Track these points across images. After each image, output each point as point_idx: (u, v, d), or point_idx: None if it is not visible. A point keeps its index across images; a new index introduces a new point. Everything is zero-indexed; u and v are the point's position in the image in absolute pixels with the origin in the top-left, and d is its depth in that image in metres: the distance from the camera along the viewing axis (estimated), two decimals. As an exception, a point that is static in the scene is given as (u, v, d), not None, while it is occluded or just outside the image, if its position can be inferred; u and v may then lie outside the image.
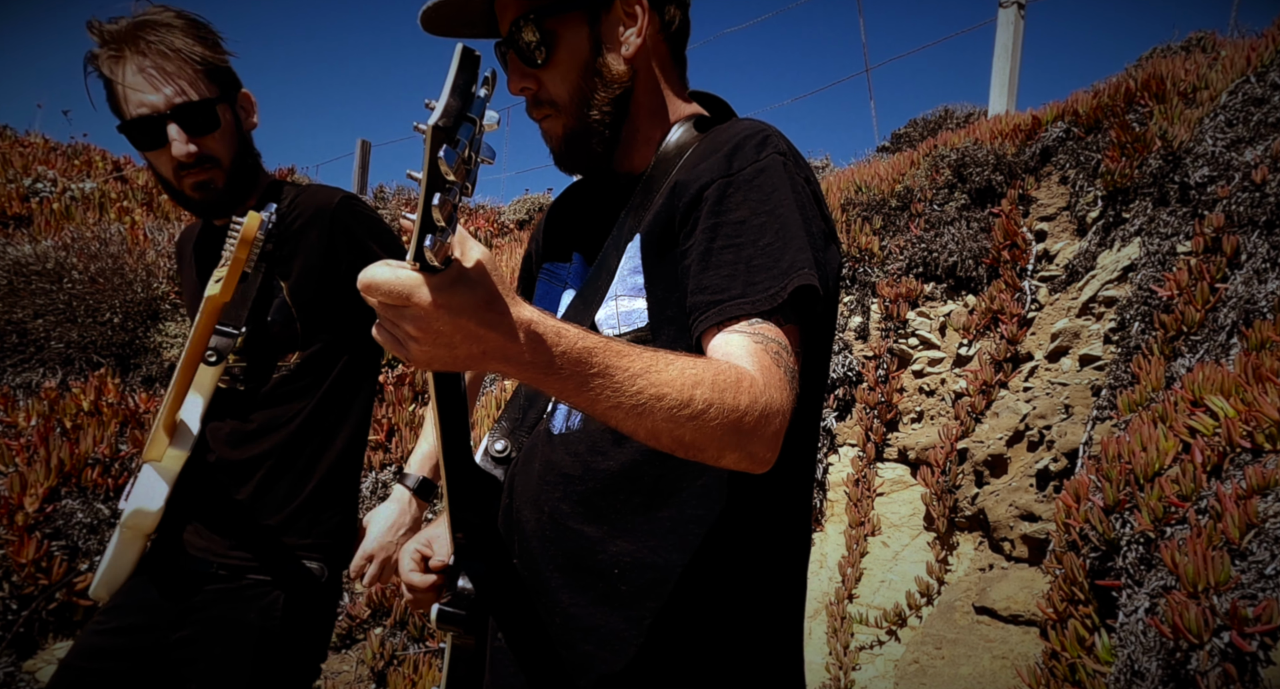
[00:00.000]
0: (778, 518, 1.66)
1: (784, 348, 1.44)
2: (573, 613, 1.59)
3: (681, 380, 1.29)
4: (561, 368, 1.23)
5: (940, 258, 6.57)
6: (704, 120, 1.80)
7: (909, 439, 6.01)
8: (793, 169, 1.58)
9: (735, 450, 1.35)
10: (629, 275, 1.67)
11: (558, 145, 1.77)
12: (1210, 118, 5.73)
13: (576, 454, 1.63)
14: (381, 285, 1.14)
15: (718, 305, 1.47)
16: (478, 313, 1.17)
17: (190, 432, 2.45)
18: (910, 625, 5.24)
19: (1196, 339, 4.41)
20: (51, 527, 5.48)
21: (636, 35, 1.71)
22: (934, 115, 10.93)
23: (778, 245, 1.49)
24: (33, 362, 6.79)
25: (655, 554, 1.57)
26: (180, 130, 2.41)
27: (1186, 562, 2.67)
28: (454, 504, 1.59)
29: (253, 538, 2.47)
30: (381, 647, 5.35)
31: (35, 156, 11.51)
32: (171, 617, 2.43)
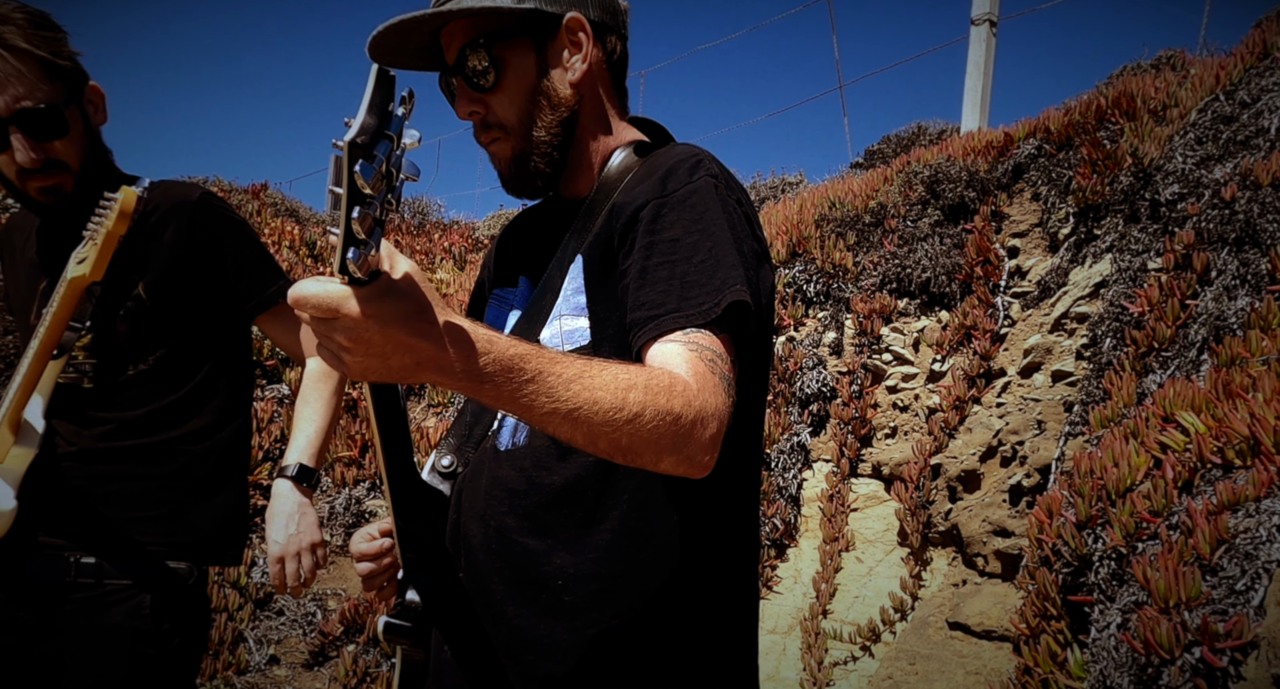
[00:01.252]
0: (722, 529, 1.68)
1: (719, 355, 1.47)
2: (518, 625, 1.61)
3: (615, 385, 1.32)
4: (494, 375, 1.25)
5: (914, 274, 6.59)
6: (644, 146, 1.84)
7: (883, 454, 6.03)
8: (724, 191, 1.63)
9: (672, 454, 1.37)
10: (572, 295, 1.70)
11: (506, 168, 1.81)
12: (1180, 135, 5.78)
13: (522, 469, 1.66)
14: (310, 298, 1.16)
15: (654, 320, 1.51)
16: (407, 323, 1.19)
17: (35, 430, 2.38)
18: (884, 641, 5.24)
19: (1168, 355, 4.43)
20: None
21: (582, 61, 1.76)
22: (907, 132, 10.98)
23: (710, 262, 1.53)
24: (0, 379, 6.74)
25: (597, 565, 1.60)
26: (24, 137, 2.29)
27: (1158, 577, 2.68)
28: (400, 517, 1.61)
29: (109, 540, 2.38)
30: (355, 664, 5.32)
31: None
32: (35, 631, 2.34)
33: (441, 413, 7.56)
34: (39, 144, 2.32)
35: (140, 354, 2.47)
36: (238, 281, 2.54)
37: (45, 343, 2.29)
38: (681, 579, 1.61)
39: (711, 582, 1.65)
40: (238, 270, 2.54)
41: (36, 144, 2.32)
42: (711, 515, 1.65)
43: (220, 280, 2.53)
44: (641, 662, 1.59)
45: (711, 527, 1.65)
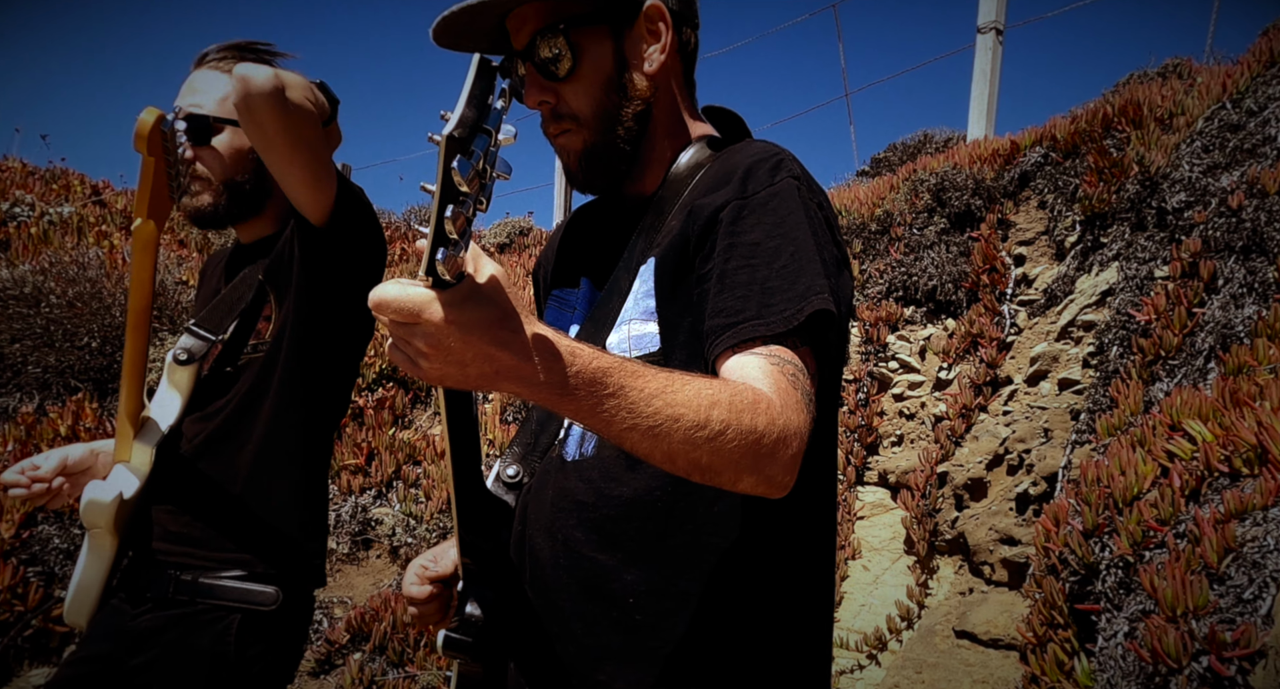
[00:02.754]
0: (797, 544, 1.62)
1: (800, 370, 1.42)
2: (587, 642, 1.56)
3: (698, 401, 1.27)
4: (576, 388, 1.21)
5: (920, 282, 6.59)
6: (716, 141, 1.78)
7: (889, 463, 6.02)
8: (806, 194, 1.57)
9: (752, 474, 1.32)
10: (642, 299, 1.64)
11: (575, 162, 1.73)
12: (1187, 143, 5.78)
13: (590, 481, 1.60)
14: (391, 302, 1.12)
15: (733, 327, 1.45)
16: (490, 330, 1.14)
17: (159, 428, 2.42)
18: (891, 649, 5.23)
19: (1174, 363, 4.43)
20: (28, 553, 5.44)
21: (660, 52, 1.70)
22: (913, 140, 10.99)
23: (793, 268, 1.47)
24: (9, 387, 6.74)
25: (670, 582, 1.54)
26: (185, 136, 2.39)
27: (1165, 586, 2.67)
28: (463, 528, 1.55)
29: (206, 556, 2.41)
30: (361, 672, 5.32)
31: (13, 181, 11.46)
32: (130, 642, 2.37)
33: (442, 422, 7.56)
34: (194, 146, 2.42)
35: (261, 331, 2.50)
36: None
37: (133, 311, 2.28)
38: (756, 597, 1.56)
39: (786, 599, 1.60)
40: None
41: (195, 148, 2.43)
42: (787, 531, 1.60)
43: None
44: (714, 681, 1.53)
45: (787, 543, 1.60)
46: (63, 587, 5.38)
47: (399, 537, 6.22)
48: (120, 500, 2.35)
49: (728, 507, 1.56)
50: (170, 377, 2.47)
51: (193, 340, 2.46)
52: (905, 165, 8.42)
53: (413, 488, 6.72)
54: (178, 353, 2.44)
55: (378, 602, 5.66)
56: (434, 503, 6.38)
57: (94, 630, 2.47)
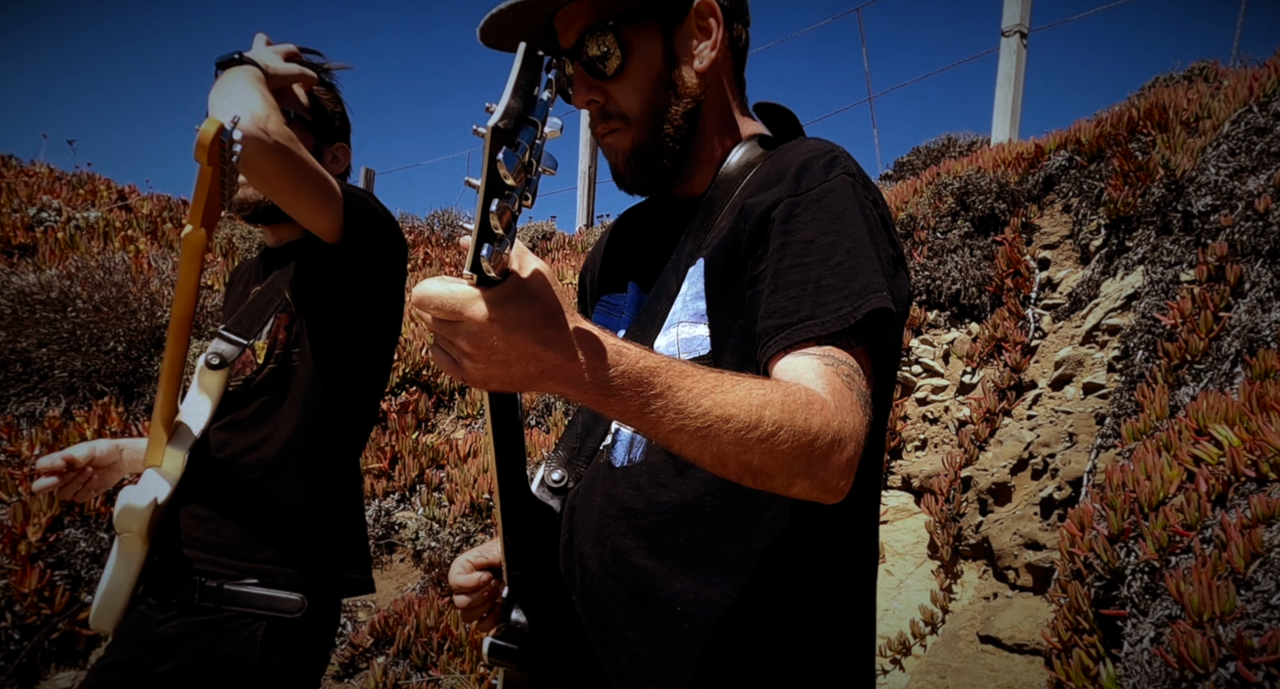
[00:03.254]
0: (845, 551, 1.59)
1: (855, 370, 1.38)
2: (639, 652, 1.53)
3: (749, 401, 1.23)
4: (622, 388, 1.18)
5: (943, 285, 6.58)
6: (767, 139, 1.75)
7: (913, 467, 6.01)
8: (861, 191, 1.53)
9: (806, 478, 1.28)
10: (691, 301, 1.61)
11: (624, 161, 1.70)
12: (1213, 147, 5.75)
13: (638, 487, 1.57)
14: (433, 299, 1.10)
15: (786, 328, 1.41)
16: (534, 329, 1.12)
17: (191, 433, 2.43)
18: (914, 654, 5.21)
19: (1200, 368, 4.40)
20: (54, 556, 5.48)
21: (711, 48, 1.67)
22: (937, 143, 10.96)
23: (849, 266, 1.43)
24: (36, 391, 6.80)
25: (719, 590, 1.51)
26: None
27: (1191, 591, 2.66)
28: (509, 534, 1.53)
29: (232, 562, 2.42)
30: (385, 676, 5.33)
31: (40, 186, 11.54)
32: (157, 648, 2.38)
33: (471, 424, 7.58)
34: None
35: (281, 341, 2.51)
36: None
37: (175, 316, 2.28)
38: (806, 605, 1.53)
39: (836, 607, 1.57)
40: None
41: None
42: (837, 538, 1.56)
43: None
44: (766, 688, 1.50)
45: (836, 550, 1.57)
46: (89, 590, 5.42)
47: (422, 540, 6.24)
48: (155, 506, 2.36)
49: (778, 514, 1.52)
50: (200, 380, 2.48)
51: (225, 345, 2.48)
52: (929, 169, 8.39)
53: (436, 492, 6.73)
54: (210, 357, 2.45)
55: (401, 605, 5.67)
56: (457, 507, 6.39)
57: (121, 636, 2.47)
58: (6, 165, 12.72)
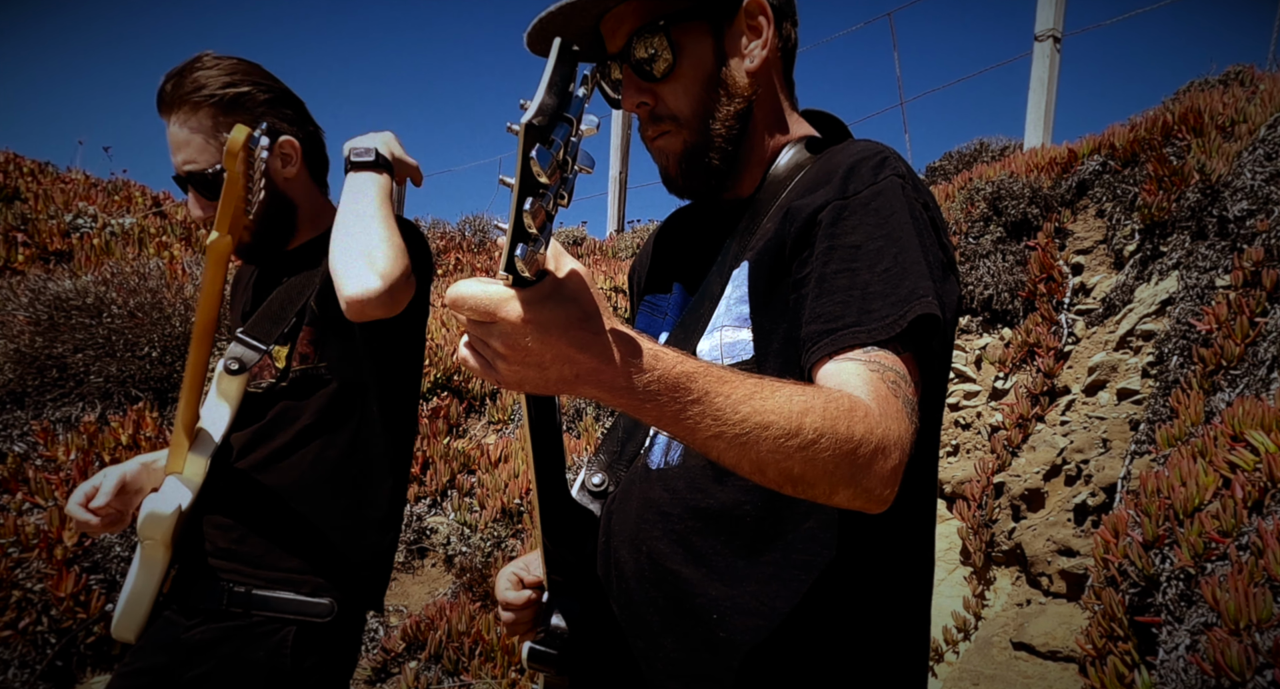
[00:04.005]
0: (894, 565, 1.55)
1: (902, 377, 1.34)
2: (675, 659, 1.51)
3: (789, 407, 1.20)
4: (659, 393, 1.16)
5: (976, 291, 6.55)
6: (816, 142, 1.72)
7: (945, 473, 5.99)
8: (911, 194, 1.50)
9: (849, 486, 1.24)
10: (735, 305, 1.58)
11: (675, 164, 1.68)
12: (1249, 151, 5.71)
13: (675, 491, 1.55)
14: (468, 299, 1.08)
15: (831, 334, 1.38)
16: (569, 331, 1.10)
17: (212, 439, 2.42)
18: (948, 661, 5.19)
19: (1236, 373, 4.37)
20: (90, 561, 5.52)
21: (761, 48, 1.65)
22: (969, 148, 10.92)
23: (896, 271, 1.40)
24: (72, 396, 6.86)
25: (756, 600, 1.48)
26: (195, 195, 2.43)
27: (1228, 598, 2.64)
28: (548, 538, 1.51)
29: (260, 568, 2.41)
30: (416, 681, 5.35)
31: (76, 192, 11.66)
32: (185, 655, 2.37)
33: (502, 430, 7.60)
34: (209, 202, 2.42)
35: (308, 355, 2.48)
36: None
37: (199, 323, 2.26)
38: (849, 618, 1.49)
39: (881, 621, 1.52)
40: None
41: (206, 202, 2.43)
42: (883, 550, 1.52)
43: None
44: None
45: (883, 562, 1.52)
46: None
47: (453, 546, 6.25)
48: (180, 513, 2.36)
49: (820, 523, 1.49)
50: (219, 385, 2.46)
51: (243, 350, 2.44)
52: (961, 174, 8.37)
53: (467, 497, 6.75)
54: (229, 363, 2.42)
55: (433, 610, 5.69)
56: (488, 512, 6.41)
57: (146, 642, 2.46)
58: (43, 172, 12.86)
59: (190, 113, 2.39)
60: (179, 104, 2.39)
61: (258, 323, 2.48)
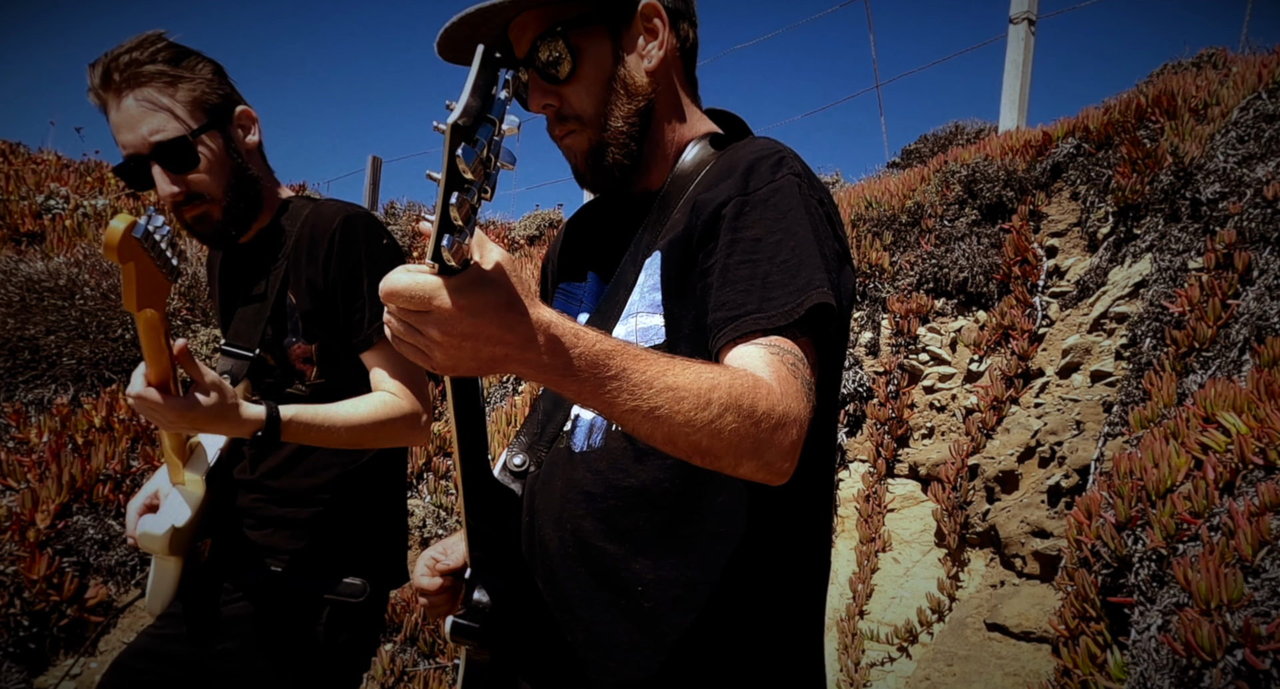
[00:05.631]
0: (798, 535, 1.65)
1: (800, 360, 1.44)
2: (596, 630, 1.59)
3: (699, 383, 1.30)
4: (579, 370, 1.24)
5: (951, 273, 6.57)
6: (719, 138, 1.80)
7: (920, 455, 6.01)
8: (807, 191, 1.59)
9: (752, 459, 1.35)
10: (648, 292, 1.67)
11: (582, 161, 1.76)
12: (1222, 134, 5.73)
13: (598, 472, 1.62)
14: (401, 291, 1.15)
15: (734, 321, 1.47)
16: (498, 314, 1.18)
17: (205, 456, 2.46)
18: (921, 642, 5.22)
19: (1208, 355, 4.40)
20: (63, 543, 5.49)
21: (658, 48, 1.73)
22: (944, 131, 10.93)
23: (793, 263, 1.49)
24: (44, 378, 6.81)
25: (677, 571, 1.57)
26: (162, 171, 2.37)
27: (1199, 579, 2.66)
28: (471, 516, 1.58)
29: (289, 555, 2.48)
30: (392, 663, 5.34)
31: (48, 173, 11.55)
32: (218, 627, 2.44)
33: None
34: (178, 177, 2.38)
35: (305, 373, 2.52)
36: (350, 311, 2.46)
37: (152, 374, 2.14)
38: (761, 585, 1.59)
39: (789, 589, 1.63)
40: (355, 300, 2.46)
41: (175, 177, 2.38)
42: (789, 523, 1.63)
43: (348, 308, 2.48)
44: (721, 668, 1.56)
45: (789, 534, 1.63)
46: (97, 576, 5.43)
47: (429, 528, 6.24)
48: (173, 531, 2.38)
49: (732, 498, 1.59)
50: None
51: (230, 362, 2.49)
52: (936, 157, 8.38)
53: (443, 479, 6.75)
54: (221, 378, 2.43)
55: (409, 593, 5.68)
56: (464, 495, 6.39)
57: (181, 609, 2.54)
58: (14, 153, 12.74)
59: (143, 85, 2.35)
60: (129, 82, 2.34)
61: (238, 330, 2.53)
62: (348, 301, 2.46)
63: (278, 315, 2.51)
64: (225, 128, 2.46)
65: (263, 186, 2.55)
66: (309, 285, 2.46)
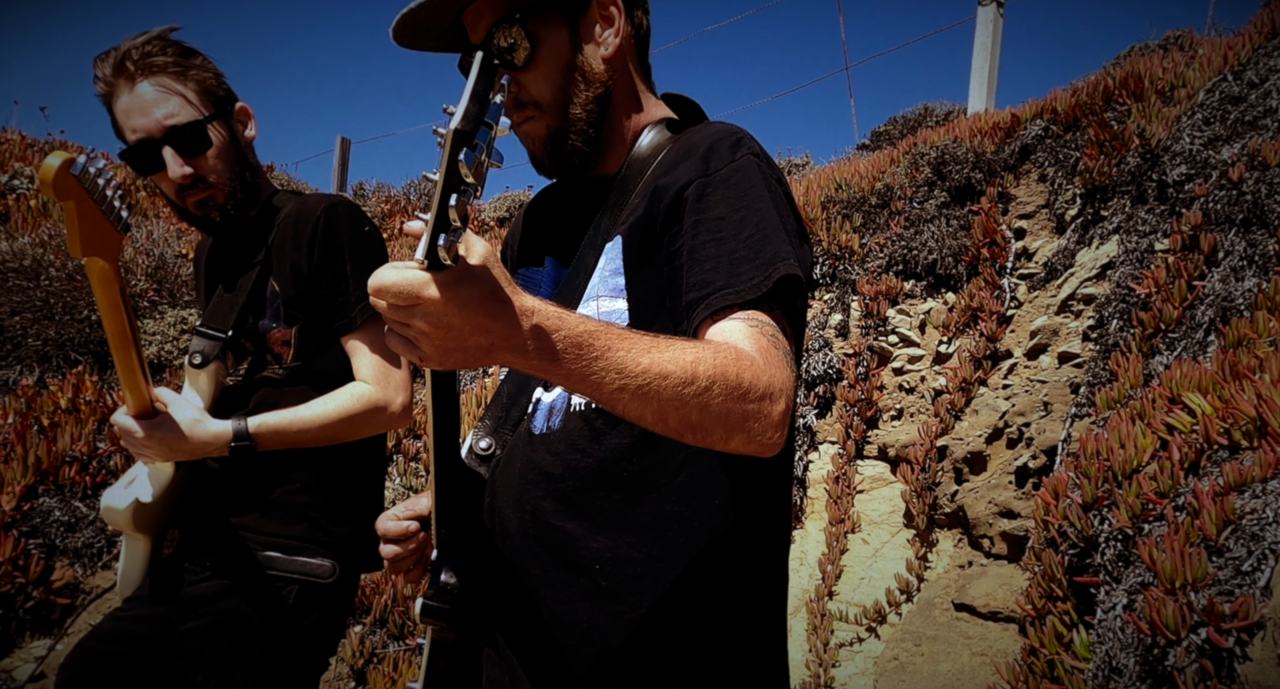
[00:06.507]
0: (757, 513, 1.66)
1: (778, 331, 1.47)
2: (556, 609, 1.60)
3: (684, 358, 1.31)
4: (564, 353, 1.25)
5: (920, 255, 6.58)
6: (674, 123, 1.83)
7: (889, 436, 6.03)
8: (766, 170, 1.62)
9: (741, 431, 1.36)
10: (610, 276, 1.68)
11: (540, 147, 1.77)
12: (1188, 116, 5.76)
13: (556, 453, 1.64)
14: (390, 287, 1.16)
15: (705, 299, 1.50)
16: (484, 303, 1.19)
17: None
18: (890, 622, 5.25)
19: (1174, 336, 4.42)
20: (29, 525, 5.46)
21: (615, 35, 1.75)
22: (914, 113, 10.96)
23: (758, 238, 1.52)
24: (9, 359, 6.75)
25: (634, 549, 1.58)
26: (174, 153, 2.45)
27: (1164, 558, 2.68)
28: (441, 500, 1.60)
29: (259, 534, 2.50)
30: (361, 645, 5.34)
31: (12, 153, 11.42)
32: (183, 608, 2.46)
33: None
34: (189, 160, 2.47)
35: (282, 356, 2.56)
36: (334, 296, 2.54)
37: (111, 336, 2.22)
38: (719, 564, 1.60)
39: (748, 566, 1.64)
40: (339, 285, 2.53)
41: (186, 160, 2.47)
42: (748, 500, 1.64)
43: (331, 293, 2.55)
44: (680, 645, 1.58)
45: (748, 511, 1.64)
46: (63, 558, 5.41)
47: (399, 511, 6.22)
48: (137, 505, 2.43)
49: (691, 476, 1.60)
50: (192, 381, 2.53)
51: (203, 342, 2.52)
52: (905, 139, 8.39)
53: (413, 462, 6.73)
54: (192, 357, 2.50)
55: (378, 575, 5.67)
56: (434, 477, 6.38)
57: (146, 592, 2.55)
58: (-22, 133, 12.58)
59: (156, 73, 2.45)
60: (143, 70, 2.44)
61: (214, 312, 2.58)
62: (331, 286, 2.52)
63: (256, 301, 2.57)
64: (229, 119, 2.58)
65: (260, 175, 2.68)
66: (293, 271, 2.52)
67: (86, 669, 2.49)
